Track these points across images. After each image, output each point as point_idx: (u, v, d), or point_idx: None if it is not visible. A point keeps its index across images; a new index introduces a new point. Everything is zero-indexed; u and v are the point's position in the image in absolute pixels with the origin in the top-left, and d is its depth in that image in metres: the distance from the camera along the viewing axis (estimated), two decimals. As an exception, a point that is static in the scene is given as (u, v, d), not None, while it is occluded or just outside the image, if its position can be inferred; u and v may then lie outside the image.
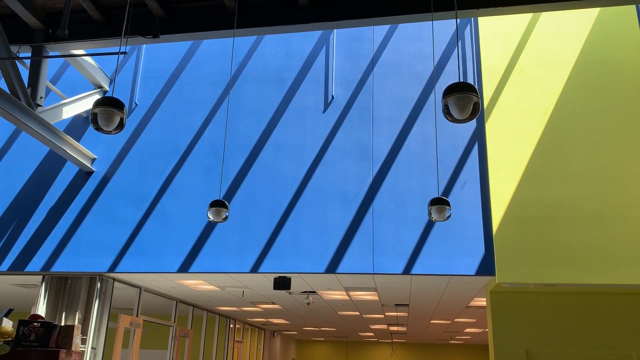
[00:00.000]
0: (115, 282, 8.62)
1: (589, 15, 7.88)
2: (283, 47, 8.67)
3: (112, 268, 7.82)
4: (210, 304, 12.21)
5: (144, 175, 8.26)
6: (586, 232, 6.89)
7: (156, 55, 9.00)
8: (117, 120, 3.25)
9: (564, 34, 7.86)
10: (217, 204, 5.23)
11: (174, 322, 11.01)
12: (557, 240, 6.91)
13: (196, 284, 9.25)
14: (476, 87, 7.77)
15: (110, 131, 3.29)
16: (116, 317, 8.87)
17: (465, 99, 3.02)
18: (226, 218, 5.29)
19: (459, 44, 8.18)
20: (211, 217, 5.21)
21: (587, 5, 5.98)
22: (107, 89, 8.64)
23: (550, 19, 7.98)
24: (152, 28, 6.61)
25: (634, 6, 7.78)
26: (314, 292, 9.73)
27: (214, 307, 12.83)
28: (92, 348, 7.90)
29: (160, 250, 7.80)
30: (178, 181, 8.13)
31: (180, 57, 8.90)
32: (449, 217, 5.53)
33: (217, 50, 8.85)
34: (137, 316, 9.47)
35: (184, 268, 7.67)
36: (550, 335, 7.21)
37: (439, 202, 5.49)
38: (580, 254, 6.82)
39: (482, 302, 9.98)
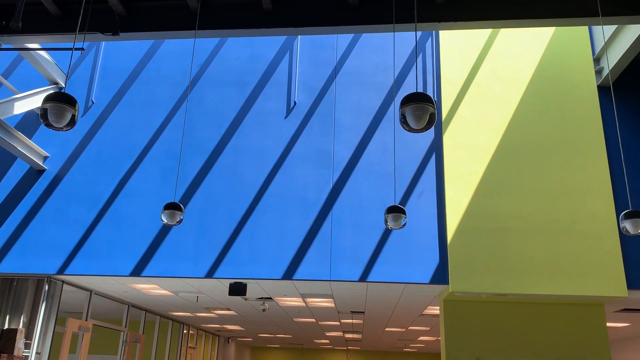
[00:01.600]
0: (64, 284, 8.34)
1: (544, 34, 8.15)
2: (246, 50, 8.63)
3: (62, 270, 7.57)
4: (163, 309, 11.97)
5: (98, 175, 8.05)
6: (536, 244, 7.10)
7: (115, 53, 8.81)
8: (69, 116, 3.16)
9: (520, 51, 8.10)
10: (172, 207, 5.14)
11: (125, 326, 10.73)
12: (508, 251, 7.09)
13: (149, 288, 9.05)
14: (435, 99, 7.96)
15: (61, 128, 3.19)
16: (64, 321, 8.58)
17: (421, 109, 3.07)
18: (180, 221, 5.20)
19: (420, 56, 8.33)
20: (165, 220, 5.11)
21: (542, 24, 6.19)
22: (63, 85, 8.39)
23: (507, 36, 8.22)
24: (111, 25, 6.46)
25: (586, 27, 8.09)
26: (270, 298, 9.67)
27: (167, 312, 12.58)
28: (36, 353, 7.61)
29: (112, 253, 7.60)
30: (133, 182, 7.96)
31: (141, 56, 8.74)
32: (404, 225, 5.59)
33: (178, 51, 8.73)
34: (86, 320, 9.18)
35: (137, 272, 7.50)
36: (501, 344, 7.37)
37: (395, 211, 5.54)
38: (531, 265, 7.01)
39: (435, 310, 10.13)
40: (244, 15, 6.38)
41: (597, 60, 7.93)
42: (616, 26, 7.17)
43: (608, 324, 11.27)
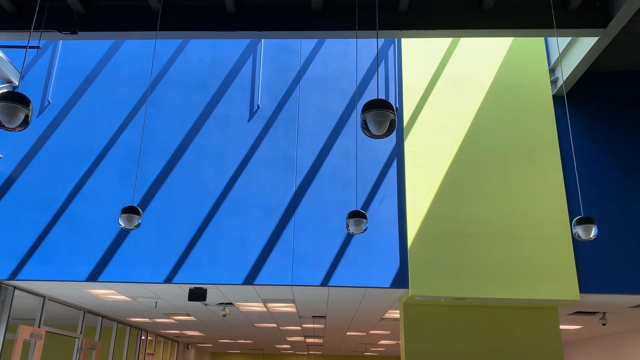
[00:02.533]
0: (15, 290, 8.05)
1: (502, 45, 8.38)
2: (209, 52, 8.55)
3: (13, 275, 7.31)
4: (120, 315, 11.69)
5: (53, 177, 7.81)
6: (493, 249, 7.26)
7: (73, 52, 8.59)
8: (22, 117, 3.05)
9: (479, 60, 8.30)
10: (130, 211, 5.03)
11: (80, 333, 10.43)
12: (467, 256, 7.23)
13: (106, 293, 8.83)
14: (397, 105, 8.06)
15: (14, 128, 3.08)
16: (15, 328, 8.27)
17: (382, 116, 3.11)
18: (139, 225, 5.09)
19: (383, 63, 8.43)
20: (122, 224, 5.00)
21: (501, 35, 6.37)
22: (17, 84, 8.13)
23: (467, 46, 8.41)
24: (70, 24, 6.30)
25: (542, 39, 8.36)
26: (231, 303, 9.57)
27: (124, 318, 12.29)
28: (-15, 361, 7.31)
29: (68, 258, 7.38)
30: (90, 185, 7.76)
31: (100, 55, 8.55)
32: (365, 230, 5.64)
33: (139, 51, 8.58)
34: (39, 327, 8.88)
35: (94, 277, 7.30)
36: (460, 347, 7.50)
37: (357, 215, 5.58)
38: (488, 269, 7.17)
39: (396, 314, 10.23)
40: (207, 17, 6.32)
41: (552, 70, 8.20)
42: (570, 38, 7.43)
43: (561, 327, 11.62)
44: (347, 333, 14.67)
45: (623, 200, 7.61)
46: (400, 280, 7.24)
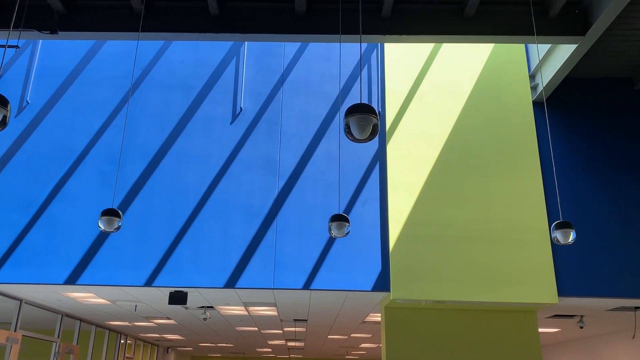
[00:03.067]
0: (-9, 293, 7.90)
1: (483, 51, 8.47)
2: (192, 54, 8.50)
3: (-11, 278, 7.17)
4: (99, 318, 11.53)
5: (32, 179, 7.69)
6: (474, 252, 7.33)
7: (53, 52, 8.47)
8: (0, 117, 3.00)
9: (461, 66, 8.38)
10: (110, 213, 4.97)
11: (58, 337, 10.26)
12: (447, 259, 7.28)
13: (85, 297, 8.70)
14: (379, 110, 8.10)
15: (-9, 129, 3.03)
16: (-10, 332, 8.12)
17: (365, 120, 3.12)
18: (119, 228, 5.04)
19: (366, 67, 8.47)
20: (102, 227, 4.94)
21: (482, 41, 6.45)
22: (-5, 83, 7.99)
23: (449, 51, 8.49)
24: (50, 23, 6.22)
25: (523, 45, 8.48)
26: (212, 307, 9.51)
27: (103, 322, 12.13)
28: (-42, 366, 7.16)
29: (46, 260, 7.27)
30: (70, 187, 7.65)
31: (81, 56, 8.45)
32: (347, 233, 5.65)
33: (121, 52, 8.50)
34: (15, 331, 8.72)
35: (72, 279, 7.20)
36: (440, 350, 7.54)
37: (339, 219, 5.59)
38: (468, 272, 7.23)
39: (377, 317, 10.26)
40: (190, 19, 6.29)
41: (532, 76, 8.32)
42: (550, 45, 7.55)
43: (540, 330, 11.76)
44: (329, 336, 14.67)
45: (601, 205, 7.74)
46: (382, 283, 7.26)
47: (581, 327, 9.77)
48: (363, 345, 17.04)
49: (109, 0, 6.29)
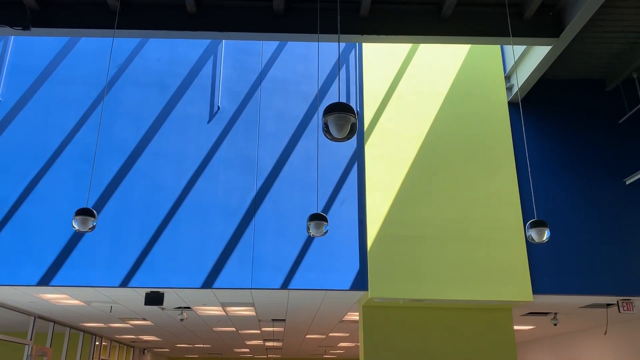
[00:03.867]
0: (-40, 295, 7.70)
1: (460, 51, 8.56)
2: (168, 52, 8.41)
3: (-42, 280, 6.99)
4: (73, 320, 11.34)
5: (3, 178, 7.52)
6: (450, 251, 7.40)
7: (26, 48, 8.29)
8: (-31, 114, 2.93)
9: (438, 67, 8.46)
10: (84, 212, 4.89)
11: (31, 339, 10.06)
12: (424, 258, 7.34)
13: (58, 298, 8.54)
14: (358, 110, 8.12)
15: (-40, 126, 2.95)
16: (-41, 335, 7.91)
17: (343, 119, 3.12)
18: (93, 228, 4.95)
19: (344, 67, 8.48)
20: (76, 227, 4.85)
21: (459, 42, 6.52)
22: (-35, 80, 7.79)
23: (426, 52, 8.55)
24: (22, 19, 6.09)
25: (499, 46, 8.59)
26: (189, 307, 9.42)
27: (77, 323, 11.93)
28: None
29: (17, 261, 7.11)
30: (43, 186, 7.50)
31: (54, 53, 8.28)
32: (326, 232, 5.65)
33: (95, 49, 8.36)
34: (-15, 334, 8.51)
35: (45, 281, 7.06)
36: (417, 348, 7.60)
37: (317, 218, 5.59)
38: (445, 271, 7.30)
39: (355, 316, 10.29)
40: (166, 16, 6.22)
41: (507, 77, 8.43)
42: (525, 47, 7.66)
43: (515, 327, 11.93)
44: (307, 336, 14.66)
45: (574, 203, 7.89)
46: (360, 282, 7.28)
47: (555, 324, 9.94)
48: (341, 344, 17.08)
49: (83, -4, 6.19)
